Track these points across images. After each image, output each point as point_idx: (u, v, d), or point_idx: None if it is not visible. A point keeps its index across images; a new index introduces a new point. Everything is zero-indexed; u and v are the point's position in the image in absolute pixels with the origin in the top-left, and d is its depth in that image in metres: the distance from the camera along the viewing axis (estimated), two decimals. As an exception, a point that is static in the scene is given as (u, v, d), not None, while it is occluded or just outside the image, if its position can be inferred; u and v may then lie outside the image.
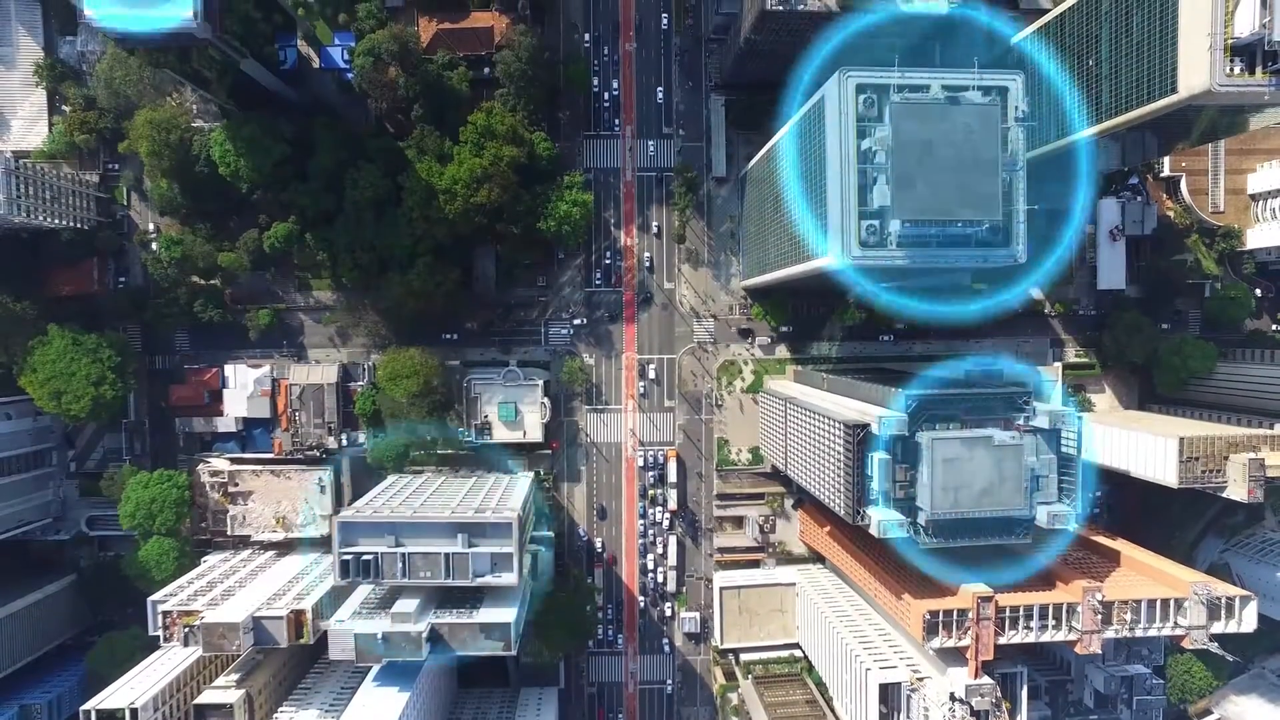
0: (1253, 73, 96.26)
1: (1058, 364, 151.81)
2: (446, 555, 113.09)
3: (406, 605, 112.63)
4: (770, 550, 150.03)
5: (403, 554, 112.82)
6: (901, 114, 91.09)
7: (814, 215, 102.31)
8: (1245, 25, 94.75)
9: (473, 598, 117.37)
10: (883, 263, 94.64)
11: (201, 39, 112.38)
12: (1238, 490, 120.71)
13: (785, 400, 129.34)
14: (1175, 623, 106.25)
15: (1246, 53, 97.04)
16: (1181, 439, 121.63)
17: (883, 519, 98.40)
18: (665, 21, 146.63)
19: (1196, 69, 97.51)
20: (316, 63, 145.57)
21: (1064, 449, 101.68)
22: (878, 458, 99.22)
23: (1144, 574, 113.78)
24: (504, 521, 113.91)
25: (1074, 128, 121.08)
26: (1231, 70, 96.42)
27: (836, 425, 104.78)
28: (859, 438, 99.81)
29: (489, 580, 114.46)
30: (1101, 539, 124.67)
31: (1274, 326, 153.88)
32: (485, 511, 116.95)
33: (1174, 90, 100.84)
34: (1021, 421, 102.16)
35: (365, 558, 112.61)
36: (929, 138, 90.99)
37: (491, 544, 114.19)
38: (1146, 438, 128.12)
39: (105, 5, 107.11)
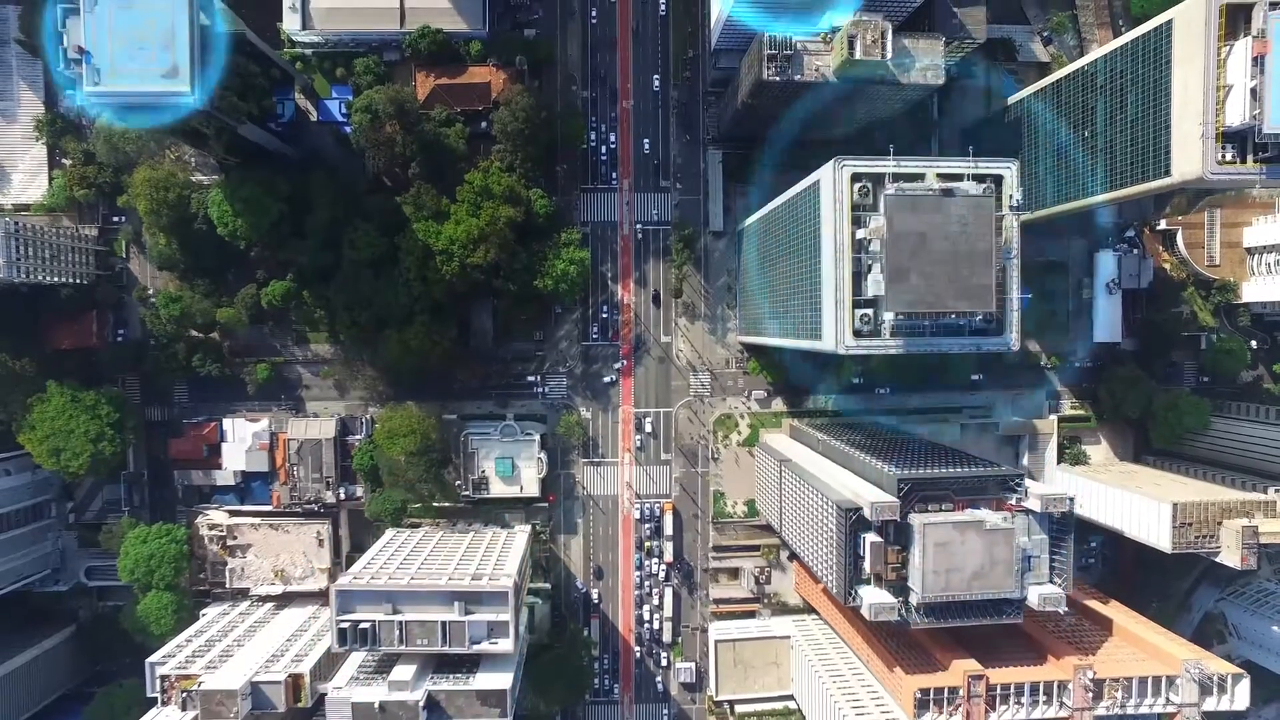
0: (1244, 160, 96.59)
1: (1053, 416, 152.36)
2: (443, 623, 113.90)
3: (403, 672, 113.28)
4: (766, 601, 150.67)
5: (400, 622, 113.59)
6: (896, 205, 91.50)
7: (807, 299, 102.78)
8: (1236, 115, 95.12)
9: (469, 663, 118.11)
10: (876, 351, 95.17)
11: (198, 109, 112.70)
12: (1231, 556, 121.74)
13: (780, 462, 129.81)
14: (1167, 699, 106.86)
15: (1238, 138, 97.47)
16: (1175, 504, 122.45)
17: (874, 602, 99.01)
18: (658, 81, 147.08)
19: (1189, 155, 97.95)
20: (314, 115, 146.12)
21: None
22: (869, 540, 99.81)
23: (1136, 646, 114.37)
24: (500, 590, 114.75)
25: (1070, 196, 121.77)
26: (1224, 157, 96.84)
27: (829, 504, 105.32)
28: (851, 520, 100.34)
29: (485, 648, 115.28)
30: (1094, 603, 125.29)
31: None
32: (481, 579, 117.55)
33: (1167, 173, 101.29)
34: (1013, 502, 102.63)
35: (362, 625, 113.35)
36: (923, 229, 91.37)
37: (488, 612, 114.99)
38: (1141, 500, 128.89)
39: (104, 81, 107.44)
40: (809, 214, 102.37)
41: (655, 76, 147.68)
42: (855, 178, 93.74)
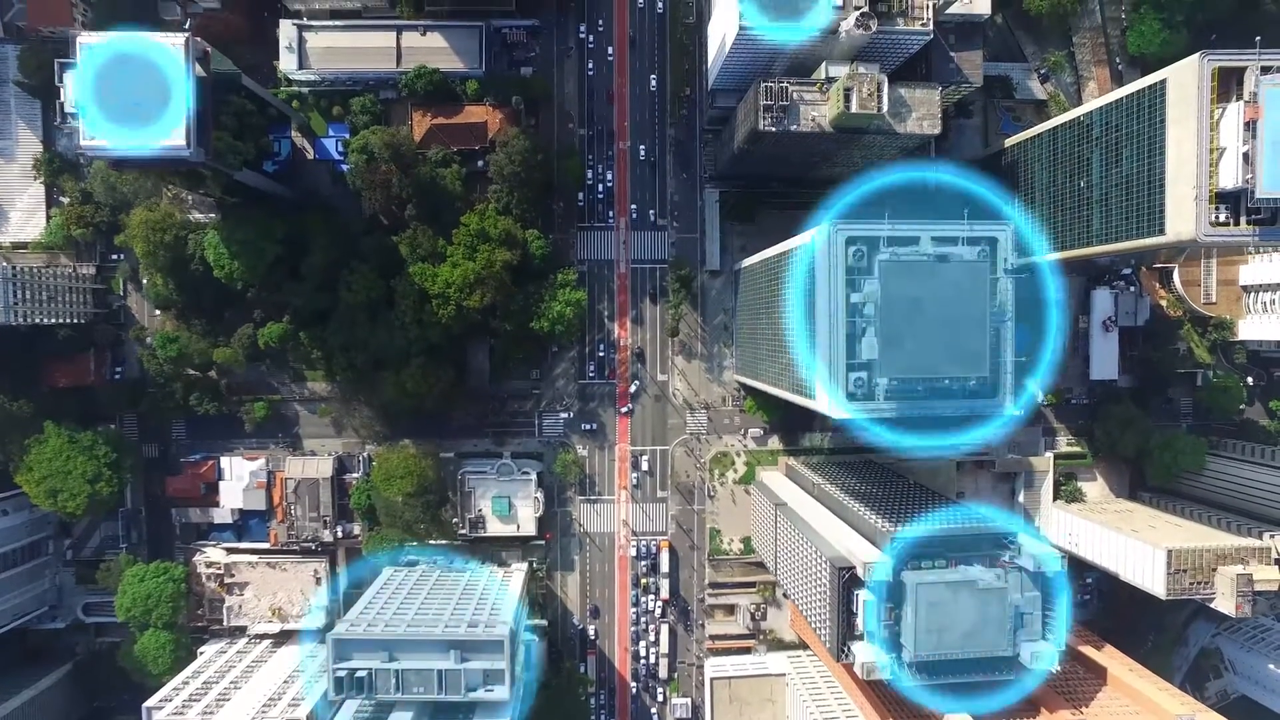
0: (1238, 222, 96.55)
1: (1049, 454, 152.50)
2: (439, 671, 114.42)
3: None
4: (761, 637, 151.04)
5: (396, 670, 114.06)
6: (890, 271, 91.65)
7: (802, 356, 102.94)
8: (1229, 178, 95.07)
9: (465, 710, 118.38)
10: (870, 415, 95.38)
11: (194, 162, 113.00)
12: (1226, 604, 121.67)
13: (776, 505, 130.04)
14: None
15: (1232, 199, 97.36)
16: (1170, 551, 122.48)
17: (867, 660, 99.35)
18: (656, 89, 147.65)
19: (1183, 215, 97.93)
20: (311, 153, 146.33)
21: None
22: (863, 598, 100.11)
23: (1130, 697, 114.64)
24: (496, 639, 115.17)
25: (1066, 245, 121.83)
26: (1217, 218, 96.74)
27: (823, 559, 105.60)
28: (845, 579, 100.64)
29: (481, 695, 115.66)
30: (1088, 649, 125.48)
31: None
32: (477, 626, 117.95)
33: (1162, 232, 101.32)
34: (1006, 559, 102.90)
35: (359, 674, 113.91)
36: (918, 295, 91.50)
37: (483, 660, 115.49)
38: (1136, 544, 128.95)
39: (100, 134, 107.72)
40: (803, 272, 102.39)
41: (650, 86, 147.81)
42: (850, 241, 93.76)
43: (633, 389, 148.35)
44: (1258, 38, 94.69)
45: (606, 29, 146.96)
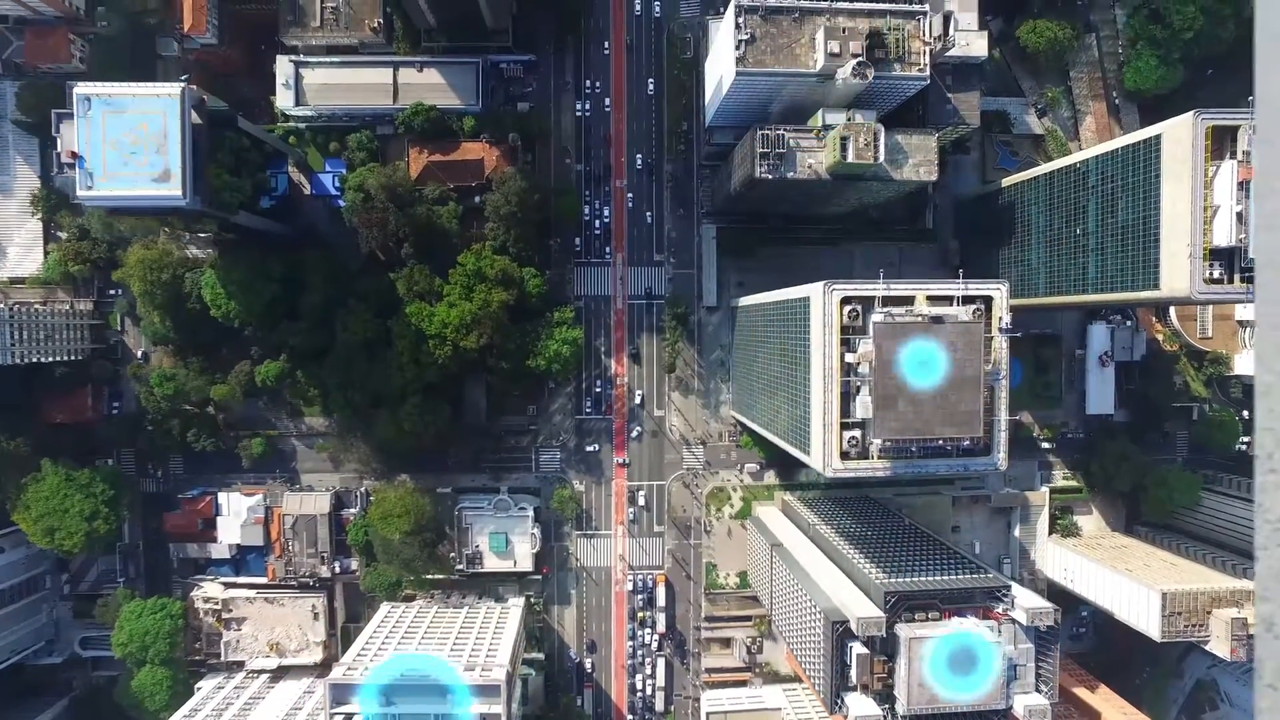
0: (1232, 279, 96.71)
1: (1045, 488, 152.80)
2: (436, 716, 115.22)
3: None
4: (757, 670, 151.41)
5: (393, 714, 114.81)
6: (884, 333, 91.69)
7: (797, 406, 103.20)
8: (1223, 235, 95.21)
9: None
10: (863, 474, 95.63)
11: (190, 210, 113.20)
12: (1220, 647, 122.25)
13: (772, 545, 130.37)
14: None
15: (1226, 255, 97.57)
16: (1164, 594, 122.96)
17: (860, 715, 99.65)
18: (653, 153, 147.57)
19: (1178, 272, 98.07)
20: (308, 189, 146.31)
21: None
22: (856, 651, 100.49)
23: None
24: (492, 684, 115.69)
25: (1062, 290, 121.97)
26: (1211, 275, 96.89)
27: (818, 611, 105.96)
28: (838, 632, 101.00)
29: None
30: (1082, 690, 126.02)
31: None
32: (474, 669, 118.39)
33: (1156, 287, 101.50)
34: (1000, 610, 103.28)
35: (356, 718, 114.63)
36: (912, 355, 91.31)
37: (480, 704, 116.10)
38: (1131, 585, 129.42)
39: (96, 184, 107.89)
40: (798, 326, 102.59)
41: (650, 145, 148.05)
42: (845, 300, 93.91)
43: (637, 399, 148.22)
44: (1251, 97, 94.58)
45: (604, 84, 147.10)
